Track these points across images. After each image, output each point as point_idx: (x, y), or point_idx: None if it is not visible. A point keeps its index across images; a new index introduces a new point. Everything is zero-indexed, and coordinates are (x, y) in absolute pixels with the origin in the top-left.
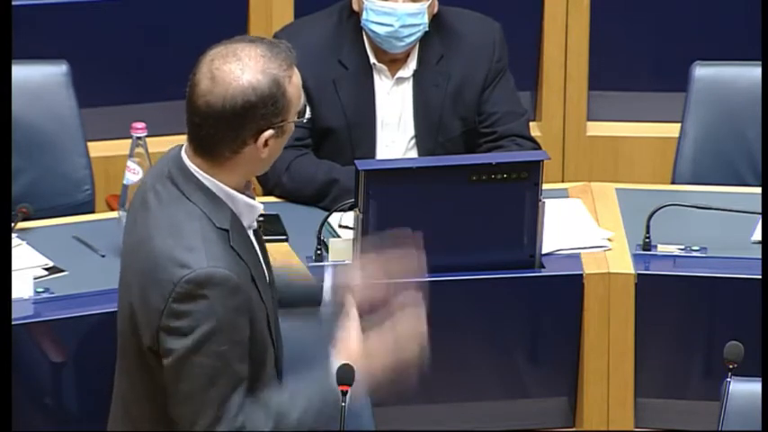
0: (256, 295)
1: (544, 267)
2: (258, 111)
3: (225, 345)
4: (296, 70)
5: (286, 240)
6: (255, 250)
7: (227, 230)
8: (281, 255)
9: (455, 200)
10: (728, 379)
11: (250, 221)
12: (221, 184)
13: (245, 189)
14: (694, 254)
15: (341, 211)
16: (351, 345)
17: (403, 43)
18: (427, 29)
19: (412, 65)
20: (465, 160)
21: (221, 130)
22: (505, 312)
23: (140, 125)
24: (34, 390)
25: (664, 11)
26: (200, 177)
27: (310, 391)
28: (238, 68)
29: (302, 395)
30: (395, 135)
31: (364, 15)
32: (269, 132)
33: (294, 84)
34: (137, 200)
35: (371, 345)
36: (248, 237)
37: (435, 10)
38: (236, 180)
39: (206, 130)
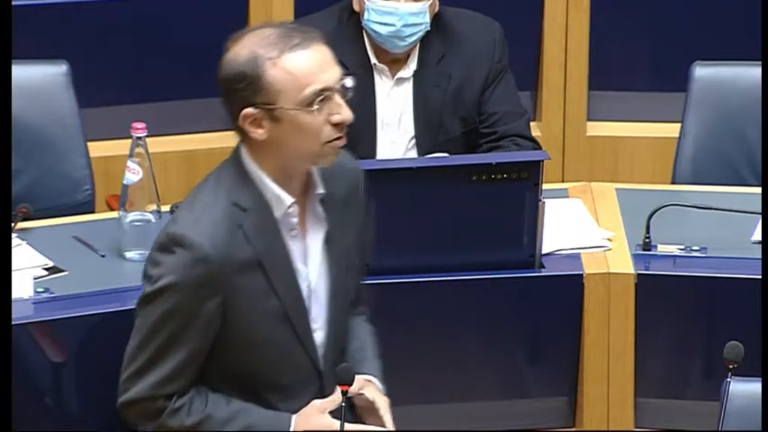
0: (259, 283)
1: (544, 267)
2: (233, 85)
3: (174, 308)
4: (296, 57)
5: None
6: (282, 241)
7: (243, 210)
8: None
9: (455, 200)
10: (728, 379)
11: (280, 212)
12: (258, 169)
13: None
14: (694, 254)
15: None
16: (311, 419)
17: (405, 43)
18: (428, 28)
19: (412, 65)
20: (465, 160)
21: (222, 101)
22: (505, 312)
23: (140, 125)
24: (34, 390)
25: (663, 11)
26: (243, 158)
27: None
28: (239, 43)
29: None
30: (395, 135)
31: (366, 15)
32: (250, 110)
33: (284, 69)
34: None
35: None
36: (274, 225)
37: (436, 9)
38: (270, 167)
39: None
